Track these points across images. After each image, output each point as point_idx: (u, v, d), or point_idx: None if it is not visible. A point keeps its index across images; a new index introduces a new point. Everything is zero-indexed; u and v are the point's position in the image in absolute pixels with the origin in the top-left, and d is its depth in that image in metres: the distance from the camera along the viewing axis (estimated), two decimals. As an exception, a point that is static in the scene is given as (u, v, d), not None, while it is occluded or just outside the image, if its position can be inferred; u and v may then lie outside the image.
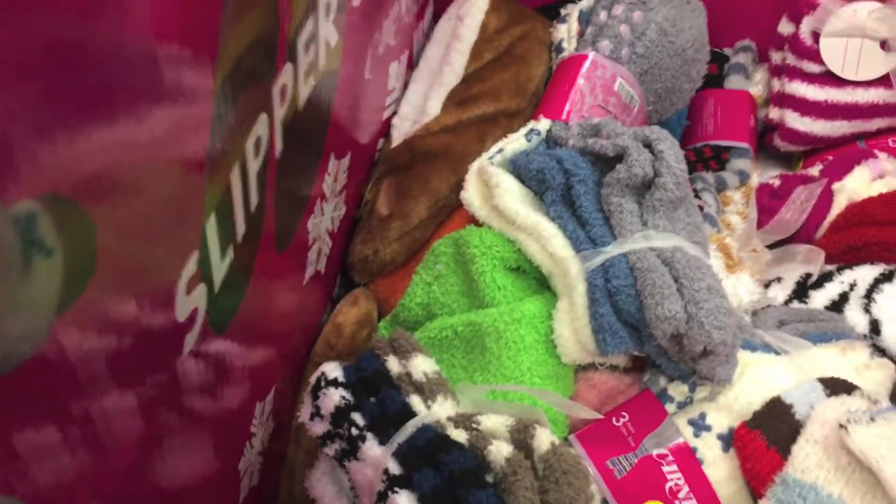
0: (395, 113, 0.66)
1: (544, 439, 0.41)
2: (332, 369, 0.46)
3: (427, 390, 0.44)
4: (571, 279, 0.48)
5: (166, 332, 0.31)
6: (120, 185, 0.24)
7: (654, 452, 0.49)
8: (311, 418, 0.46)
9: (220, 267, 0.34)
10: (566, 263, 0.48)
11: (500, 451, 0.40)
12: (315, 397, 0.45)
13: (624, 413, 0.50)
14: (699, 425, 0.50)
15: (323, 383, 0.45)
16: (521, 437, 0.41)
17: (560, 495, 0.38)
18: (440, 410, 0.43)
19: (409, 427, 0.42)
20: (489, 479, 0.40)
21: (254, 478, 0.48)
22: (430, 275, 0.53)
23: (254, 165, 0.36)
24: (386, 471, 0.41)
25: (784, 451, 0.46)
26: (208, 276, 0.33)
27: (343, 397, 0.44)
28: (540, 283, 0.52)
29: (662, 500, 0.48)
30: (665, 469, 0.48)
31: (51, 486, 0.24)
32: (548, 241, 0.49)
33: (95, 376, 0.26)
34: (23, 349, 0.21)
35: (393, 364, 0.45)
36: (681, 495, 0.48)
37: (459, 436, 0.42)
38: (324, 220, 0.53)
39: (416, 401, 0.43)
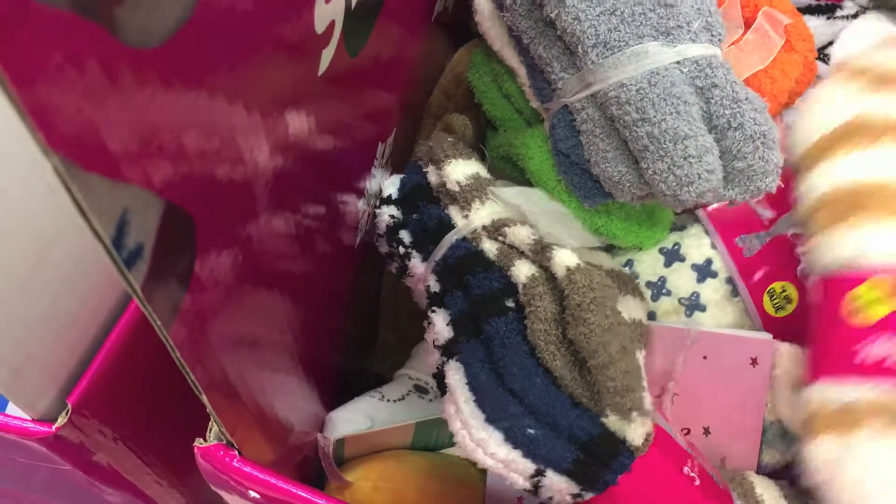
0: None
1: (559, 263, 0.36)
2: (390, 185, 0.44)
3: (461, 199, 0.41)
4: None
5: (305, 43, 0.28)
6: None
7: (789, 233, 0.46)
8: (376, 239, 0.44)
9: (359, -22, 0.31)
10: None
11: (522, 271, 0.37)
12: (374, 216, 0.44)
13: (763, 190, 0.47)
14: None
15: (378, 202, 0.43)
16: (539, 257, 0.37)
17: (575, 332, 0.34)
18: (476, 219, 0.40)
19: (446, 242, 0.40)
20: (511, 303, 0.36)
21: (367, 227, 0.47)
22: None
23: None
24: (427, 288, 0.40)
25: None
26: (347, -13, 0.30)
27: (392, 216, 0.43)
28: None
29: (792, 281, 0.45)
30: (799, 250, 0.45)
31: (189, 183, 0.22)
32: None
33: (238, 74, 0.23)
34: (170, 21, 0.19)
35: (432, 175, 0.42)
36: (814, 279, 0.45)
37: (491, 249, 0.39)
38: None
39: (454, 212, 0.41)
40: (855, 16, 0.58)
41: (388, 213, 0.43)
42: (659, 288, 0.47)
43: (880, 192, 0.39)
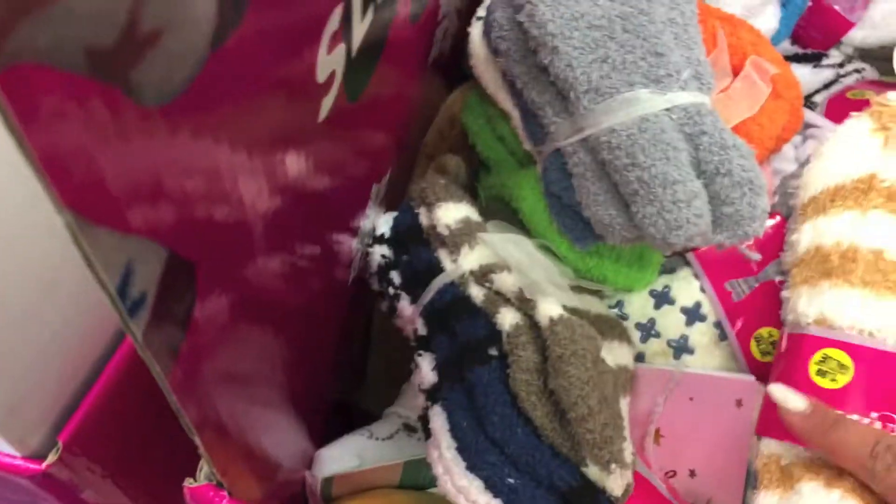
0: None
1: (543, 313, 0.36)
2: (383, 223, 0.44)
3: (450, 243, 0.41)
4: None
5: (307, 92, 0.29)
6: None
7: (777, 279, 0.46)
8: (369, 277, 0.45)
9: (359, 28, 0.32)
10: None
11: (506, 319, 0.37)
12: (366, 254, 0.44)
13: (751, 236, 0.47)
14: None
15: (370, 240, 0.44)
16: (524, 305, 0.38)
17: (555, 383, 0.34)
18: (464, 264, 0.40)
19: (434, 286, 0.40)
20: (494, 351, 0.37)
21: (360, 265, 0.47)
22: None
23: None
24: (415, 331, 0.40)
25: None
26: (348, 36, 0.31)
27: (383, 255, 0.43)
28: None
29: (779, 327, 0.46)
30: (786, 296, 0.46)
31: (191, 232, 0.23)
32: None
33: (242, 125, 0.24)
34: (181, 79, 0.19)
35: (423, 216, 0.43)
36: (800, 324, 0.46)
37: (478, 295, 0.39)
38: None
39: (443, 255, 0.41)
40: (841, 65, 0.59)
41: (379, 253, 0.44)
42: (648, 329, 0.47)
43: (857, 258, 0.39)
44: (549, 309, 0.36)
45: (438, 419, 0.37)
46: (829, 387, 0.38)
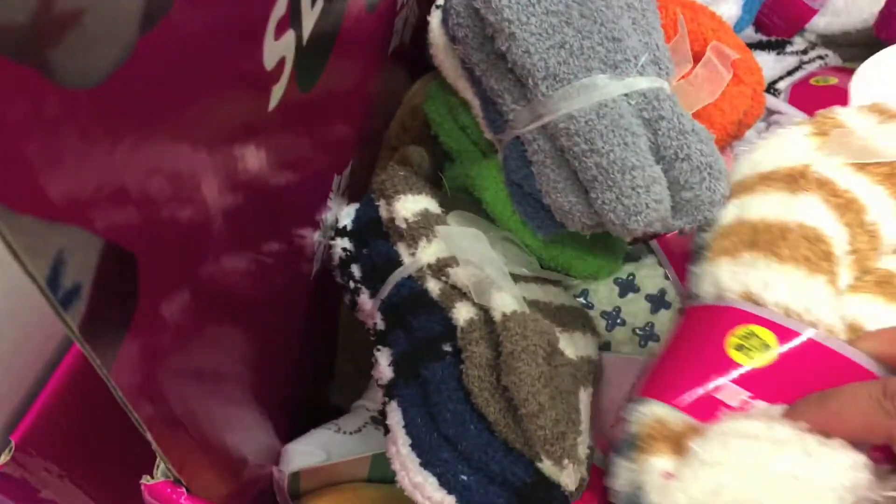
0: None
1: (496, 307, 0.36)
2: (346, 215, 0.44)
3: (408, 236, 0.41)
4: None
5: (254, 80, 0.28)
6: None
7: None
8: (332, 270, 0.44)
9: (310, 14, 0.31)
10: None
11: (461, 314, 0.37)
12: (329, 247, 0.44)
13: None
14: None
15: (333, 233, 0.43)
16: (479, 299, 0.38)
17: (507, 380, 0.34)
18: (422, 257, 0.40)
19: (392, 280, 0.40)
20: (449, 347, 0.37)
21: (323, 258, 0.47)
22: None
23: None
24: (374, 325, 0.40)
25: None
26: (297, 22, 0.30)
27: (344, 249, 0.43)
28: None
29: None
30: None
31: (129, 222, 0.22)
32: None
33: (183, 112, 0.23)
34: (108, 62, 0.18)
35: (383, 209, 0.43)
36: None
37: (434, 289, 0.39)
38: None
39: (402, 248, 0.41)
40: (804, 52, 0.59)
41: (341, 246, 0.43)
42: (614, 318, 0.47)
43: (786, 235, 0.37)
44: (503, 304, 0.36)
45: (394, 415, 0.36)
46: (744, 363, 0.35)
